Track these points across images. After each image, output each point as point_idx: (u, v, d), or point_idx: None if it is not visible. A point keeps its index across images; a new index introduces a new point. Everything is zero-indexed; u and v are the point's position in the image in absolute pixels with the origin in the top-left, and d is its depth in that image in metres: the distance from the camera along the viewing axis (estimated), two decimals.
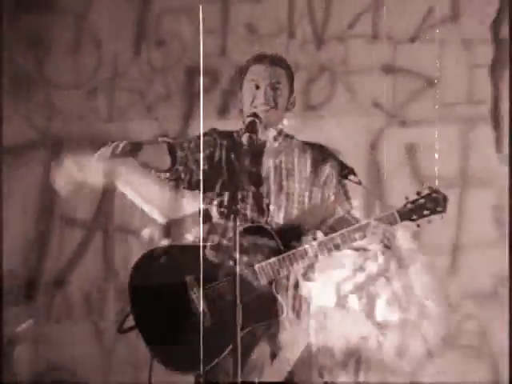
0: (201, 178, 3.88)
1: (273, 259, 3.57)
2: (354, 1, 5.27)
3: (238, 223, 3.42)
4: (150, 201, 4.48)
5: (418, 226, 3.64)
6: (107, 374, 5.32)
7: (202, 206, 4.03)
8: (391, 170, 4.81)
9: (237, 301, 3.31)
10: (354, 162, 4.05)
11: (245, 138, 3.65)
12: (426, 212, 3.70)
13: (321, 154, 3.90)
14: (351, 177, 3.93)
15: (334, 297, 4.66)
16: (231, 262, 3.49)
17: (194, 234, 4.03)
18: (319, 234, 3.93)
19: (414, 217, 3.68)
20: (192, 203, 4.04)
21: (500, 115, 5.13)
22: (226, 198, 3.85)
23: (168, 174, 3.74)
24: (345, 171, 4.08)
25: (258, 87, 3.69)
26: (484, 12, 5.14)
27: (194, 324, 3.80)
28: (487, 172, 5.13)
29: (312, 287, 4.05)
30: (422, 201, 3.74)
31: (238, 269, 3.26)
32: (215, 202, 3.84)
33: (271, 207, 3.79)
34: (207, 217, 4.12)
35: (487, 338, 5.23)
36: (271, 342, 3.84)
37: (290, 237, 3.80)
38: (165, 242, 4.42)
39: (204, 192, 3.90)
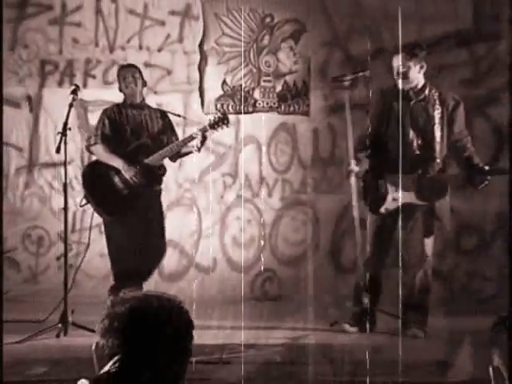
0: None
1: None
2: (129, 27, 6.19)
3: None
4: None
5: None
6: None
7: None
8: None
9: None
10: None
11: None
12: (221, 124, 4.93)
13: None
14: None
15: None
16: None
17: None
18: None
19: (216, 126, 4.92)
20: None
21: (203, 90, 6.17)
22: None
23: None
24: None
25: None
26: (195, 36, 6.18)
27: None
28: (199, 115, 6.02)
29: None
30: (218, 118, 4.93)
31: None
32: None
33: None
34: None
35: None
36: None
37: None
38: None
39: None
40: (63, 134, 4.76)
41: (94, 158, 5.30)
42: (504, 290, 5.64)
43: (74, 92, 4.90)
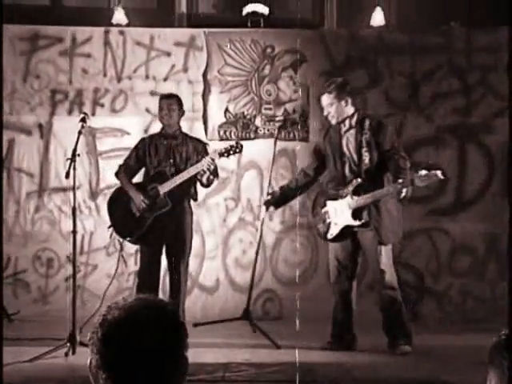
0: None
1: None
2: (136, 58, 6.21)
3: None
4: None
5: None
6: None
7: None
8: None
9: None
10: None
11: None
12: (232, 151, 5.08)
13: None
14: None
15: None
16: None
17: None
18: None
19: (226, 154, 5.06)
20: None
21: (206, 118, 6.19)
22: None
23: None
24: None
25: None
26: (199, 66, 6.20)
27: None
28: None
29: None
30: (232, 146, 5.09)
31: None
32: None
33: None
34: None
35: None
36: None
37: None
38: None
39: None
40: (72, 160, 4.81)
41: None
42: (497, 310, 5.74)
43: (83, 120, 4.95)
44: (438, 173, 4.58)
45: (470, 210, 6.20)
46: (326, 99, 4.95)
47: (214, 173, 5.13)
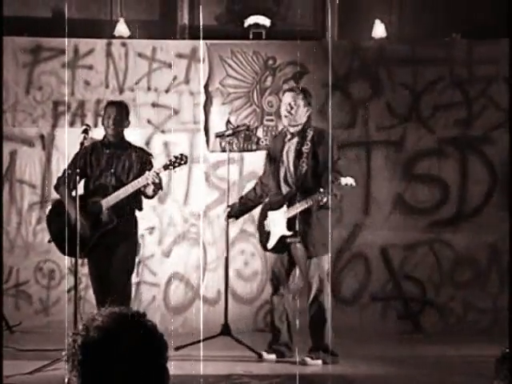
0: None
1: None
2: (138, 70, 6.24)
3: None
4: None
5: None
6: None
7: None
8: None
9: None
10: None
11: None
12: (176, 163, 4.89)
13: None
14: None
15: None
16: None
17: None
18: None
19: (171, 167, 4.88)
20: None
21: (208, 129, 6.19)
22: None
23: None
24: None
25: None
26: (200, 80, 6.16)
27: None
28: (203, 153, 6.10)
29: None
30: (177, 158, 4.91)
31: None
32: None
33: None
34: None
35: None
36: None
37: None
38: None
39: None
40: (74, 171, 4.82)
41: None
42: (498, 321, 5.75)
43: (85, 131, 4.91)
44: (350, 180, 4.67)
45: (471, 221, 6.22)
46: (288, 96, 5.00)
47: (159, 185, 5.01)
